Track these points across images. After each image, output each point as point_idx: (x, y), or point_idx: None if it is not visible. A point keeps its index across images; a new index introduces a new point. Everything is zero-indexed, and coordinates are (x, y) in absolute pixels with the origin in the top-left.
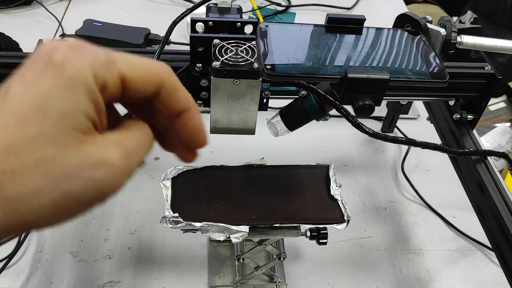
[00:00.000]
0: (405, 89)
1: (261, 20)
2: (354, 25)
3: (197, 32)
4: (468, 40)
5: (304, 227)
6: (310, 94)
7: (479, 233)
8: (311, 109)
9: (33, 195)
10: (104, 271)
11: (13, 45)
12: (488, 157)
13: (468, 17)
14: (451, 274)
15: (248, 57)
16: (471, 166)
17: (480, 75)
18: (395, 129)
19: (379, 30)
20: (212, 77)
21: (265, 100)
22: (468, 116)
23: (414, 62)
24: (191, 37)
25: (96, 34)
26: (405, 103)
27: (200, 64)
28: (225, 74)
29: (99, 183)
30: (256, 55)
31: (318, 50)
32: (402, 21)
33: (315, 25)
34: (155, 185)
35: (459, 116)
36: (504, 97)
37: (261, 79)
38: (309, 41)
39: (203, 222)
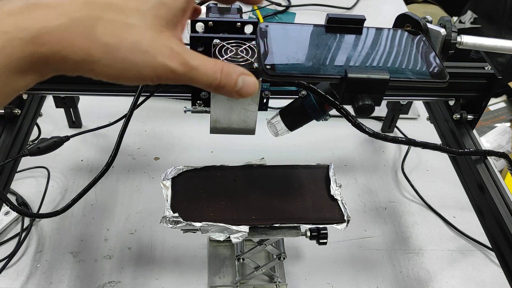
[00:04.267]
0: (405, 89)
1: (261, 20)
2: (354, 25)
3: (197, 32)
4: (468, 40)
5: (304, 227)
6: (310, 94)
7: (479, 233)
8: (311, 109)
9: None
10: (104, 271)
11: None
12: (488, 157)
13: (468, 17)
14: (451, 274)
15: (248, 57)
16: (471, 166)
17: (480, 75)
18: (395, 129)
19: (379, 30)
20: None
21: (265, 100)
22: (468, 116)
23: (414, 62)
24: (191, 37)
25: None
26: (405, 103)
27: None
28: None
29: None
30: (256, 55)
31: (318, 50)
32: (402, 21)
33: (315, 25)
34: (155, 185)
35: (459, 116)
36: (504, 97)
37: (261, 79)
38: (309, 41)
39: (203, 222)
